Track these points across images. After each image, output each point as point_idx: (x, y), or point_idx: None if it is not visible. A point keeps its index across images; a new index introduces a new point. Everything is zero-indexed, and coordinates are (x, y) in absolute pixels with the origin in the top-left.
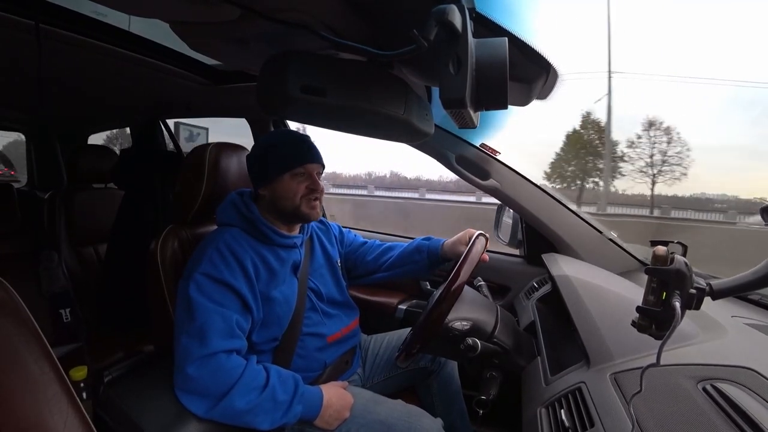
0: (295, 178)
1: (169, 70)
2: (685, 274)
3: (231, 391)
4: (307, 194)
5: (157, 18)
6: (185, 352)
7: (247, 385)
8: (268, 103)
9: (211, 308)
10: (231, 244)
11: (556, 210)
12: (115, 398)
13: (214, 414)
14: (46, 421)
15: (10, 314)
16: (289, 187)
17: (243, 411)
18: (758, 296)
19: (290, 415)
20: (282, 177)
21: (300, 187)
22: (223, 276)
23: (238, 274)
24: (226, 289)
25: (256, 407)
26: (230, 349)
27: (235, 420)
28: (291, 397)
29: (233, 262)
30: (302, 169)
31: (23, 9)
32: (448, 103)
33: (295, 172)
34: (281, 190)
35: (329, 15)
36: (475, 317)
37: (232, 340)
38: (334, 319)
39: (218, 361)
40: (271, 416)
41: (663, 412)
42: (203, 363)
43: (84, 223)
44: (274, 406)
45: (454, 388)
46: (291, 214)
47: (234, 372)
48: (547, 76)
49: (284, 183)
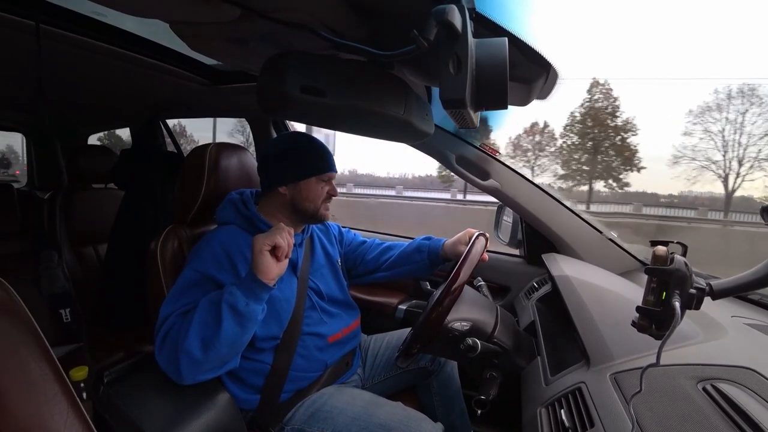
0: (320, 183)
1: (169, 70)
2: (685, 274)
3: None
4: (327, 199)
5: (157, 18)
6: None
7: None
8: (268, 104)
9: (182, 301)
10: (224, 241)
11: (556, 210)
12: (115, 398)
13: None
14: (46, 422)
15: (10, 314)
16: (315, 189)
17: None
18: (758, 296)
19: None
20: (310, 179)
21: (323, 192)
22: (209, 271)
23: (225, 270)
24: (209, 283)
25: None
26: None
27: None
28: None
29: (223, 258)
30: (327, 175)
31: (23, 9)
32: (448, 103)
33: (322, 177)
34: (307, 192)
35: (329, 15)
36: (475, 317)
37: None
38: (335, 318)
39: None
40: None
41: (663, 412)
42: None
43: (84, 223)
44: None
45: (454, 388)
46: (310, 215)
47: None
48: (547, 76)
49: (311, 185)
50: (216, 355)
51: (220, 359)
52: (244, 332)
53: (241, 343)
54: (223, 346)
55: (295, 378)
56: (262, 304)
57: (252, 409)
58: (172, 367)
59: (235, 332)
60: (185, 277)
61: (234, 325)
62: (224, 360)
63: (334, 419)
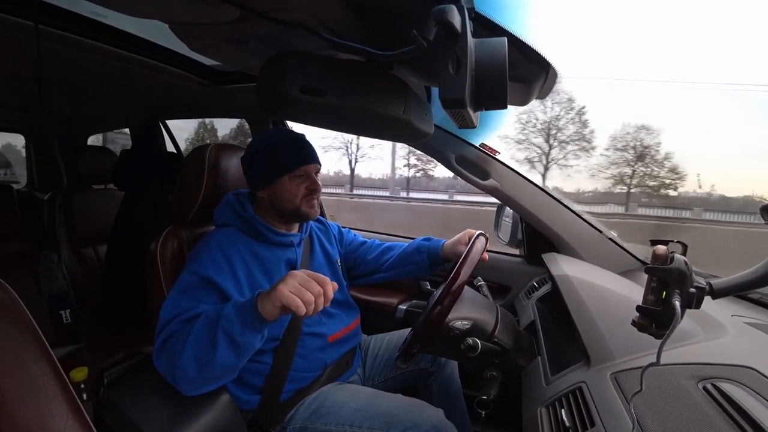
0: (294, 180)
1: (169, 70)
2: (685, 273)
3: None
4: (307, 195)
5: (156, 18)
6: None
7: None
8: (268, 104)
9: (183, 304)
10: (222, 242)
11: (556, 210)
12: (116, 399)
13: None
14: (47, 423)
15: (10, 315)
16: (288, 189)
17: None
18: (758, 295)
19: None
20: (281, 179)
21: (300, 189)
22: (207, 273)
23: (223, 272)
24: (208, 285)
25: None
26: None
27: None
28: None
29: (221, 259)
30: (301, 170)
31: (22, 10)
32: (447, 103)
33: (294, 174)
34: (281, 192)
35: (329, 15)
36: (475, 317)
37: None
38: (334, 318)
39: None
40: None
41: (663, 412)
42: (160, 349)
43: (84, 224)
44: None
45: (454, 388)
46: (291, 215)
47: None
48: (547, 75)
49: (284, 185)
50: (210, 375)
51: (217, 378)
52: (239, 358)
53: (236, 366)
54: (217, 369)
55: (295, 378)
56: (260, 334)
57: (252, 410)
58: (170, 378)
59: (230, 358)
60: (184, 281)
61: (229, 352)
62: (221, 378)
63: (337, 413)
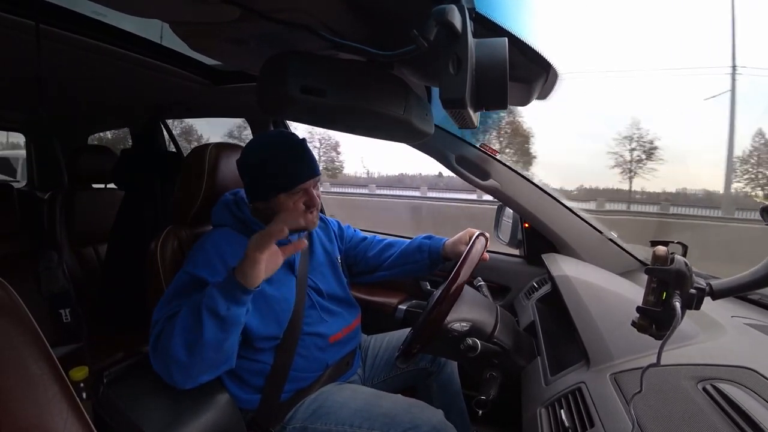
0: (292, 197)
1: (169, 70)
2: (685, 274)
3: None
4: (307, 208)
5: (157, 18)
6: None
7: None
8: (268, 104)
9: (174, 304)
10: (218, 242)
11: (556, 210)
12: (115, 398)
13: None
14: (46, 422)
15: (10, 314)
16: (286, 206)
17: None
18: (758, 296)
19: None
20: (277, 197)
21: (298, 205)
22: (200, 273)
23: (217, 272)
24: (200, 285)
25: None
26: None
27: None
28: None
29: (216, 259)
30: (297, 188)
31: (23, 9)
32: (447, 103)
33: (293, 192)
34: (278, 208)
35: (329, 15)
36: (475, 317)
37: None
38: (335, 316)
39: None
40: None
41: (663, 412)
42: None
43: (84, 223)
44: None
45: (454, 388)
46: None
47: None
48: (547, 75)
49: (281, 201)
50: (203, 359)
51: (210, 362)
52: (227, 335)
53: (228, 346)
54: (208, 350)
55: (296, 378)
56: (244, 306)
57: (252, 409)
58: (166, 373)
59: (218, 336)
60: (178, 281)
61: (216, 330)
62: (215, 363)
63: (337, 413)
